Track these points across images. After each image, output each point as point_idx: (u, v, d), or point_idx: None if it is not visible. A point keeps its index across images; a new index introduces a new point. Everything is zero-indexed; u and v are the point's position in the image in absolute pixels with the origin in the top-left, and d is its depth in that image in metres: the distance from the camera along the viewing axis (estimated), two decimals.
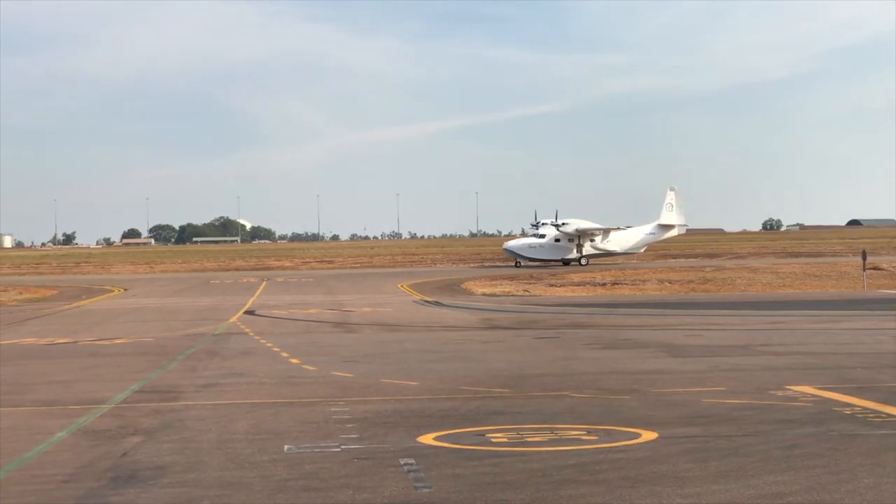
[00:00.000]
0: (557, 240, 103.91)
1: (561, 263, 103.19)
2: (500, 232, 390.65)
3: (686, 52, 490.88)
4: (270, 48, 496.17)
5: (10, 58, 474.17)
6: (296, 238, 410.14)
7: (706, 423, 18.76)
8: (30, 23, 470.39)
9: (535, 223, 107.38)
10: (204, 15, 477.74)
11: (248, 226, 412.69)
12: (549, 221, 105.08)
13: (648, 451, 16.34)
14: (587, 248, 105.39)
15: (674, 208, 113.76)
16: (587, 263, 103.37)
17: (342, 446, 17.05)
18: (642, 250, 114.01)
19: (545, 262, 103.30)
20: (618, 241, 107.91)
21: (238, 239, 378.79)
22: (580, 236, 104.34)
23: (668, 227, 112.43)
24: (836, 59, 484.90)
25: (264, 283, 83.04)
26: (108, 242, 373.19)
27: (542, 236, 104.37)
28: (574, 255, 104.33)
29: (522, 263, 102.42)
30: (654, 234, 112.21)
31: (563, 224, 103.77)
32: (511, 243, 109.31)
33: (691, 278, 74.93)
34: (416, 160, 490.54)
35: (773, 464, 15.32)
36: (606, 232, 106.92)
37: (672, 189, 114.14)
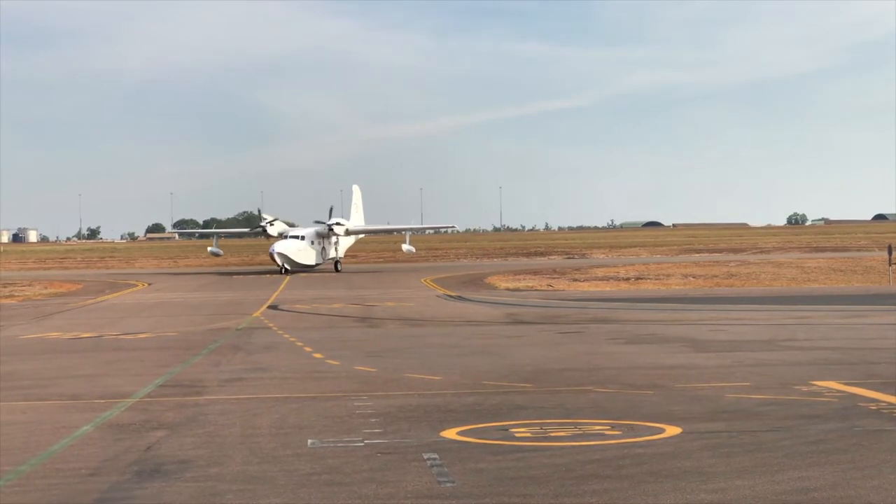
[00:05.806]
0: (312, 242, 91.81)
1: (303, 268, 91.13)
2: (523, 227, 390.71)
3: (708, 46, 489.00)
4: (293, 43, 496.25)
5: (35, 53, 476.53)
6: None
7: (730, 418, 18.70)
8: (53, 19, 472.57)
9: (261, 224, 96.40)
10: (227, 10, 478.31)
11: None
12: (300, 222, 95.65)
13: (672, 447, 16.29)
14: (341, 251, 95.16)
15: (360, 208, 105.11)
16: (341, 270, 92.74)
17: (365, 441, 17.07)
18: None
19: (308, 268, 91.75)
20: (346, 245, 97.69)
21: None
22: (326, 238, 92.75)
23: (358, 229, 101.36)
24: (862, 53, 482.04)
25: (287, 277, 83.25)
26: (131, 237, 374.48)
27: (302, 238, 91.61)
28: (330, 257, 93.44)
29: (289, 269, 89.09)
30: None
31: (337, 224, 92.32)
32: (281, 247, 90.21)
33: (716, 273, 74.74)
34: (438, 155, 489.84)
35: (798, 459, 15.25)
36: (359, 234, 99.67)
37: (356, 187, 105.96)
